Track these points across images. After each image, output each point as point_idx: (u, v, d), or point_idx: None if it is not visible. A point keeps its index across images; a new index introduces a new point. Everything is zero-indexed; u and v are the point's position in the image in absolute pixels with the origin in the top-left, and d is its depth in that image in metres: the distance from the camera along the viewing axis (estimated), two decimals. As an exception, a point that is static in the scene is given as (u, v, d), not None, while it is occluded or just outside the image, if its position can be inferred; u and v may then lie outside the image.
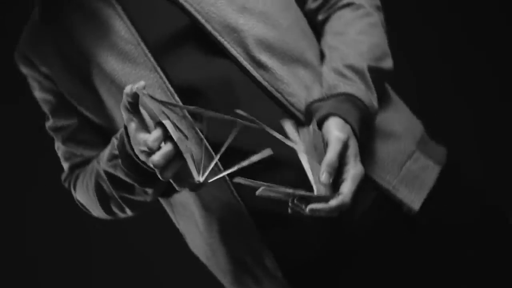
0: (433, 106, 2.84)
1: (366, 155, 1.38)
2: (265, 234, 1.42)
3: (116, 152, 1.40)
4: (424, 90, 2.86)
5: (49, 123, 1.57)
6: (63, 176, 1.62)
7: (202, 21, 1.41)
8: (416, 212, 1.42)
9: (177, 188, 1.33)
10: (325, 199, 1.24)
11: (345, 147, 1.29)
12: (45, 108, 1.56)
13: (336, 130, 1.30)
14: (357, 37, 1.43)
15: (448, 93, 2.96)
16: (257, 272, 1.47)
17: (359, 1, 1.48)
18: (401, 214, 1.42)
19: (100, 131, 1.52)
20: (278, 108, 1.41)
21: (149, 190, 1.45)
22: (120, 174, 1.42)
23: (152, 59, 1.41)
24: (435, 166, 1.48)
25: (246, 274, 1.48)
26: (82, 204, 1.60)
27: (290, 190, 1.24)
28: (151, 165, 1.26)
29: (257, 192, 1.23)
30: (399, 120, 1.49)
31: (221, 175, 1.25)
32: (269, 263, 1.44)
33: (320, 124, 1.33)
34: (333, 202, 1.25)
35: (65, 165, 1.60)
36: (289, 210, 1.27)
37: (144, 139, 1.26)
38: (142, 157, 1.31)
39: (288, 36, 1.43)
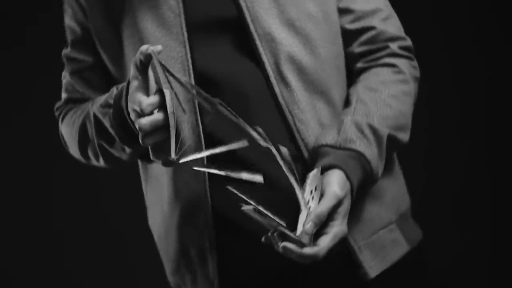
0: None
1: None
2: (219, 238, 1.42)
3: (111, 101, 1.41)
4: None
5: (66, 51, 1.57)
6: (57, 104, 1.63)
7: (248, 19, 1.40)
8: (370, 279, 1.42)
9: (151, 157, 1.33)
10: (301, 244, 1.25)
11: (338, 204, 1.30)
12: (68, 36, 1.56)
13: (336, 185, 1.31)
14: (388, 100, 1.43)
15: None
16: (197, 271, 1.46)
17: (402, 66, 1.47)
18: (358, 275, 1.42)
19: (108, 79, 1.52)
20: (285, 129, 1.41)
21: (127, 149, 1.45)
22: (106, 124, 1.42)
23: (185, 34, 1.41)
24: (405, 245, 1.48)
25: (187, 270, 1.48)
26: (63, 138, 1.60)
27: (275, 223, 1.24)
28: (137, 127, 1.28)
29: (243, 208, 1.23)
30: (391, 189, 1.49)
31: (191, 157, 1.26)
32: (211, 267, 1.44)
33: (322, 170, 1.34)
34: (307, 251, 1.26)
35: (63, 95, 1.61)
36: (263, 239, 1.28)
37: (140, 100, 1.28)
38: (133, 116, 1.31)
39: (321, 67, 1.43)
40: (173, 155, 1.24)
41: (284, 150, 1.25)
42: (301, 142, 1.41)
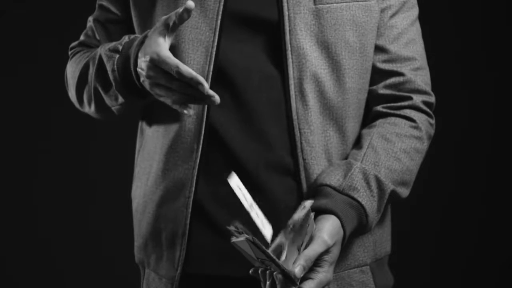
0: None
1: None
2: (193, 227, 1.42)
3: (120, 47, 1.40)
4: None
5: None
6: (73, 44, 1.62)
7: (286, 28, 1.39)
8: None
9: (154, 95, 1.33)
10: (292, 281, 1.23)
11: (326, 252, 1.28)
12: None
13: (326, 234, 1.28)
14: (399, 154, 1.41)
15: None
16: (164, 254, 1.46)
17: (420, 123, 1.45)
18: None
19: None
20: (289, 144, 1.40)
21: (120, 99, 1.43)
22: (108, 67, 1.41)
23: (219, 22, 1.39)
24: None
25: (154, 250, 1.48)
26: (66, 77, 1.59)
27: (267, 258, 1.22)
28: (168, 84, 1.28)
29: (233, 241, 1.21)
30: (375, 232, 1.48)
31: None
32: (177, 255, 1.43)
33: (319, 211, 1.32)
34: None
35: (81, 37, 1.61)
36: (251, 271, 1.28)
37: (178, 64, 1.26)
38: (144, 66, 1.29)
39: (343, 96, 1.41)
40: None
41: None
42: (301, 161, 1.40)
